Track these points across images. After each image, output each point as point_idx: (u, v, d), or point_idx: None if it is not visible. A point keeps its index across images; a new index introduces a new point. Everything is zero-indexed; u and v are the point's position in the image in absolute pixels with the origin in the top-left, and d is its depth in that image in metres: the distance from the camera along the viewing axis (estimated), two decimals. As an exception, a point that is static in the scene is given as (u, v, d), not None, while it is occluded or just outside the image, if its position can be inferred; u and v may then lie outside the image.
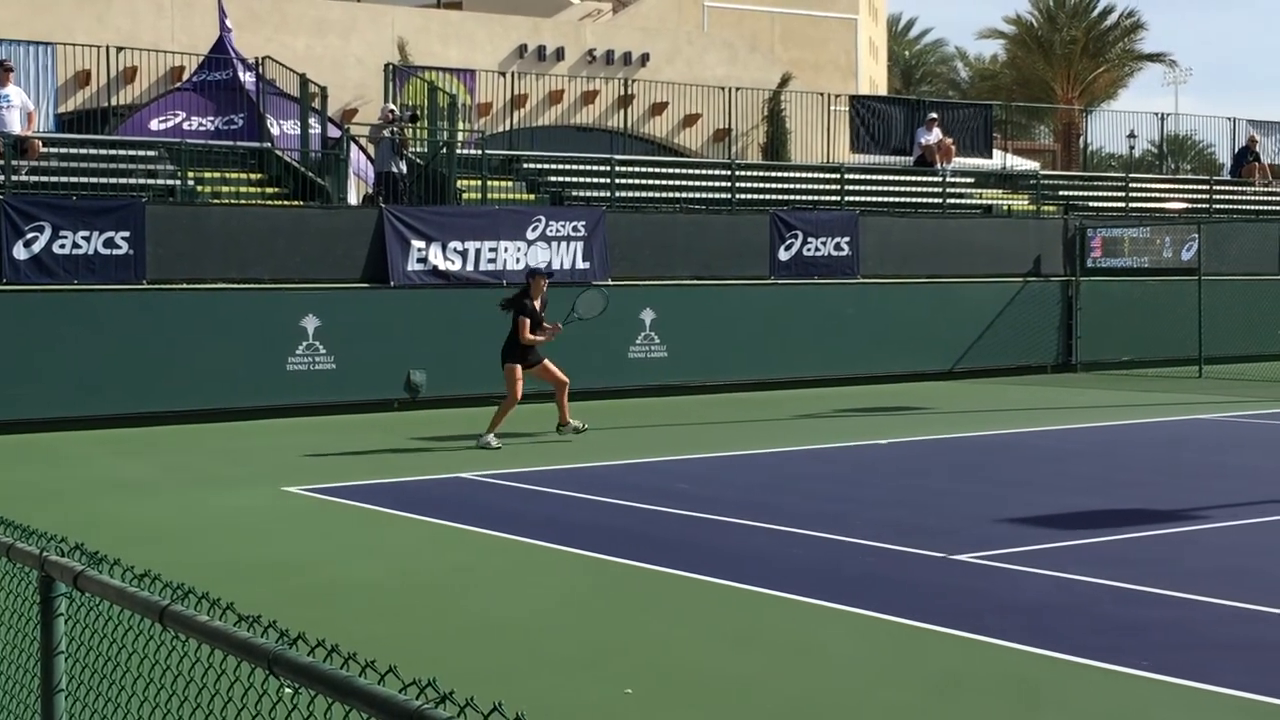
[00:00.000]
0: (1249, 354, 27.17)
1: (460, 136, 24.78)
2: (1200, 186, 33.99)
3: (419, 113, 24.31)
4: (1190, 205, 31.88)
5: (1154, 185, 33.33)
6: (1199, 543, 10.69)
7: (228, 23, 24.93)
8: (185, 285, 19.74)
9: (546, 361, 17.27)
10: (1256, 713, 6.61)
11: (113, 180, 20.58)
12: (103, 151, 21.53)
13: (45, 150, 20.93)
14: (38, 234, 18.80)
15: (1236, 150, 34.92)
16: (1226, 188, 33.59)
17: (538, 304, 17.06)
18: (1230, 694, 6.81)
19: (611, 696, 6.95)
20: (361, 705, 2.72)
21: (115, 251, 19.18)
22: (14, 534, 4.47)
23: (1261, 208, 32.59)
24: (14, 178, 19.93)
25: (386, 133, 22.63)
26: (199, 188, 21.64)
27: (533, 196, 24.66)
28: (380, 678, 2.78)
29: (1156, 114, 35.40)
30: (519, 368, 16.95)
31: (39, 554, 4.16)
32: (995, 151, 32.63)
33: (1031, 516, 11.70)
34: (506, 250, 21.95)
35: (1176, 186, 34.22)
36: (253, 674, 3.24)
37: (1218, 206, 32.06)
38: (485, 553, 10.69)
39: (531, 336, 16.90)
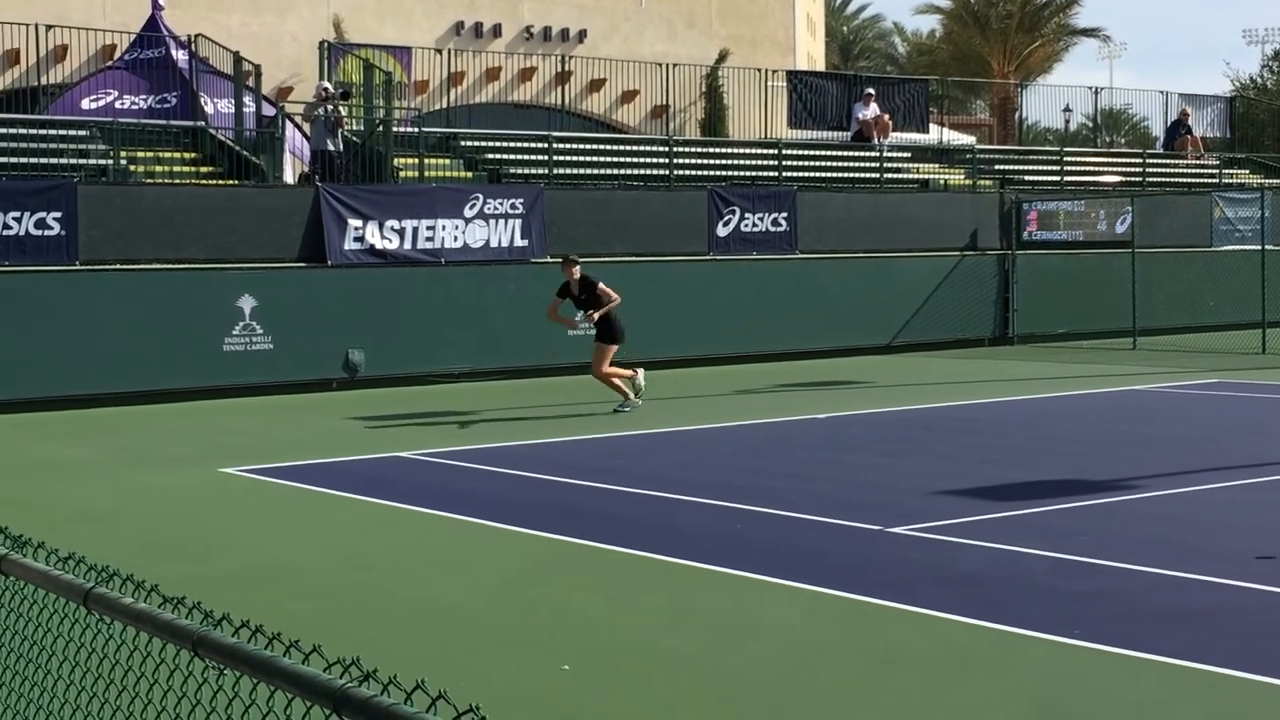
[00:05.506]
0: (1182, 325, 27.45)
1: (396, 114, 24.62)
2: (1134, 160, 34.30)
3: (352, 90, 24.14)
4: (1124, 179, 32.15)
5: (1089, 159, 33.60)
6: (1130, 512, 10.80)
7: (160, 0, 24.66)
8: (119, 266, 19.52)
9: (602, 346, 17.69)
10: (1191, 680, 6.69)
11: (44, 160, 20.32)
12: (33, 131, 21.24)
13: (-26, 130, 20.64)
14: (-33, 215, 18.54)
15: (1169, 124, 35.23)
16: (1160, 161, 33.90)
17: (574, 288, 17.62)
18: (1165, 661, 6.89)
19: (548, 674, 6.95)
20: (284, 685, 2.71)
21: (47, 233, 18.94)
22: (-62, 518, 4.41)
23: (1193, 180, 32.90)
24: (-58, 158, 19.65)
25: (321, 111, 22.47)
26: (132, 167, 21.39)
27: (470, 174, 24.55)
28: (305, 657, 2.77)
29: (1091, 88, 35.68)
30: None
31: (-38, 538, 4.11)
32: (932, 126, 32.77)
33: (967, 488, 11.78)
34: (444, 229, 21.84)
35: (1111, 160, 34.51)
36: (178, 655, 3.21)
37: (1151, 180, 32.34)
38: (421, 532, 10.66)
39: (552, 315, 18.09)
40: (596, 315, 17.51)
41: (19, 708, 4.32)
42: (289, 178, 22.72)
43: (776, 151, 27.74)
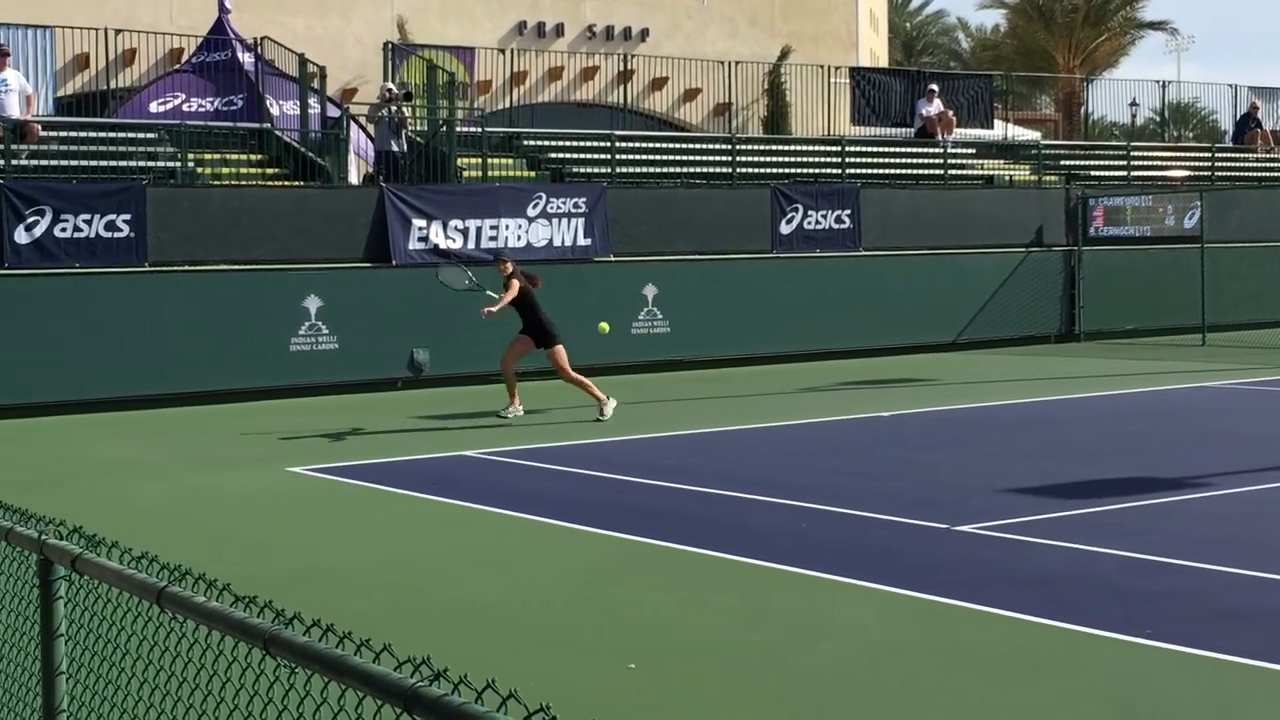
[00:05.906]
0: (1252, 321, 27.12)
1: (460, 114, 24.71)
2: (1202, 154, 33.88)
3: (413, 90, 24.24)
4: (1193, 173, 31.79)
5: (1156, 153, 33.21)
6: (1202, 511, 10.67)
7: (226, 3, 24.86)
8: (187, 267, 19.71)
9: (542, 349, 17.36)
10: (1267, 681, 6.59)
11: (113, 163, 20.53)
12: (102, 134, 21.47)
13: (45, 134, 20.87)
14: (39, 218, 18.77)
15: (1239, 117, 34.78)
16: (1229, 155, 33.48)
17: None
18: (1241, 662, 6.79)
19: (614, 673, 6.94)
20: (355, 684, 2.71)
21: (116, 235, 19.15)
22: (13, 518, 4.46)
23: (1264, 174, 32.48)
24: (14, 162, 19.88)
25: (385, 112, 22.58)
26: (199, 169, 21.58)
27: (533, 174, 24.59)
28: (375, 656, 2.77)
29: (1158, 82, 35.29)
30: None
31: (38, 537, 4.15)
32: (996, 122, 32.51)
33: (1035, 487, 11.68)
34: (507, 228, 21.90)
35: (1179, 154, 34.11)
36: (250, 654, 3.23)
37: (1220, 174, 31.95)
38: (488, 531, 10.68)
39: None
40: (489, 311, 17.13)
41: (94, 705, 4.36)
42: (354, 179, 22.85)
43: (840, 148, 27.61)
